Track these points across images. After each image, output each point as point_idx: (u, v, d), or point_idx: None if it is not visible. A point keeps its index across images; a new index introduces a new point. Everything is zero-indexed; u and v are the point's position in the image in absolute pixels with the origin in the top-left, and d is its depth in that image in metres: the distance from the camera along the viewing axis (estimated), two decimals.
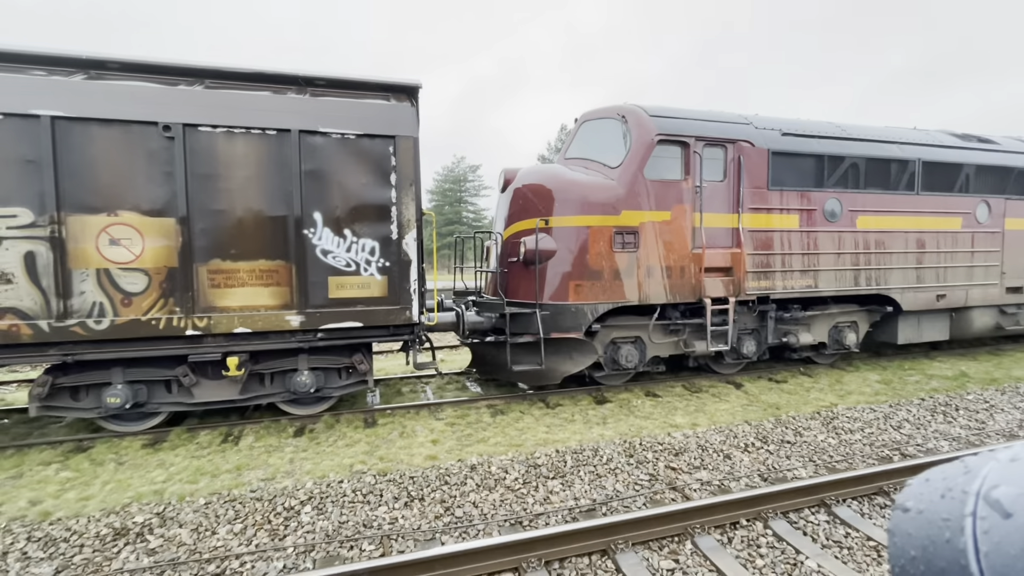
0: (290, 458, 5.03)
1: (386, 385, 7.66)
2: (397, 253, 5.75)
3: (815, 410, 6.22)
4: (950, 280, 8.29)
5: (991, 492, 0.46)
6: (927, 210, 8.05)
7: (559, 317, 6.41)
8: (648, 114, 6.69)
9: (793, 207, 7.18)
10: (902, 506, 0.55)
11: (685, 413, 6.21)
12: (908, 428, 5.66)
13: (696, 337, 7.03)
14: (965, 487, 0.49)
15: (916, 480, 0.56)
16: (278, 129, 5.33)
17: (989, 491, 0.47)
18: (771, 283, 7.12)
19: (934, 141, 8.39)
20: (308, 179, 5.45)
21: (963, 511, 0.47)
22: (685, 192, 6.67)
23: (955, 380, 7.60)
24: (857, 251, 7.60)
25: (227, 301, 5.32)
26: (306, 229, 5.47)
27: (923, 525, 0.51)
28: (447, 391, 7.38)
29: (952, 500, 0.49)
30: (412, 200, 5.77)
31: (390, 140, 5.66)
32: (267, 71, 5.68)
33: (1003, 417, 6.01)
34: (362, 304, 5.67)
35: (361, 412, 6.28)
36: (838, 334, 8.01)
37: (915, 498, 0.54)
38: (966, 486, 0.49)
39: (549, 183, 6.74)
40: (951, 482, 0.51)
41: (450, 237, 9.82)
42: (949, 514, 0.49)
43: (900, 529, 0.54)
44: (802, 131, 7.43)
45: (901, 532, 0.53)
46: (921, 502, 0.53)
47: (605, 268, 6.43)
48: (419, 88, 6.05)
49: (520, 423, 5.93)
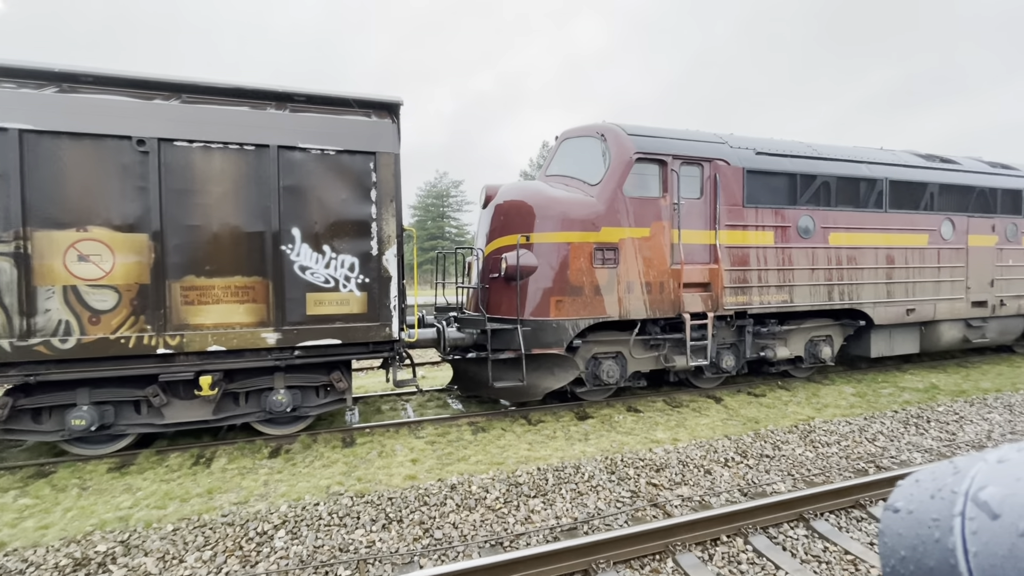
0: (264, 480, 4.88)
1: (365, 403, 7.53)
2: (377, 269, 5.70)
3: (793, 423, 6.30)
4: (918, 295, 8.55)
5: (979, 493, 0.47)
6: (895, 227, 8.32)
7: (540, 333, 6.41)
8: (627, 133, 6.82)
9: (768, 224, 7.35)
10: (892, 507, 0.55)
11: (666, 428, 6.23)
12: (882, 440, 5.77)
13: (676, 352, 7.09)
14: (954, 487, 0.49)
15: (906, 481, 0.57)
16: (256, 144, 5.29)
17: (977, 492, 0.47)
18: (748, 298, 7.25)
19: (900, 161, 8.72)
20: (286, 195, 5.40)
21: (952, 511, 0.48)
22: (663, 209, 6.79)
23: (926, 392, 7.79)
24: (830, 267, 7.80)
25: (201, 318, 5.20)
26: (284, 245, 5.39)
27: (913, 525, 0.51)
28: (428, 408, 7.28)
29: (941, 501, 0.50)
30: (392, 216, 5.75)
31: (370, 156, 5.65)
32: (246, 86, 5.65)
33: (972, 428, 6.16)
34: (341, 321, 5.59)
35: (339, 431, 6.15)
36: (814, 348, 8.17)
37: (905, 499, 0.54)
38: (955, 487, 0.49)
39: (530, 200, 6.80)
40: (940, 483, 0.52)
41: (432, 252, 9.78)
42: (939, 514, 0.49)
43: (890, 529, 0.54)
44: (775, 150, 7.65)
45: (891, 532, 0.53)
46: (911, 503, 0.53)
47: (586, 284, 6.47)
48: (400, 105, 6.07)
49: (502, 440, 5.87)
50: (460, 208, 50.53)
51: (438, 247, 42.33)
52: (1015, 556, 0.42)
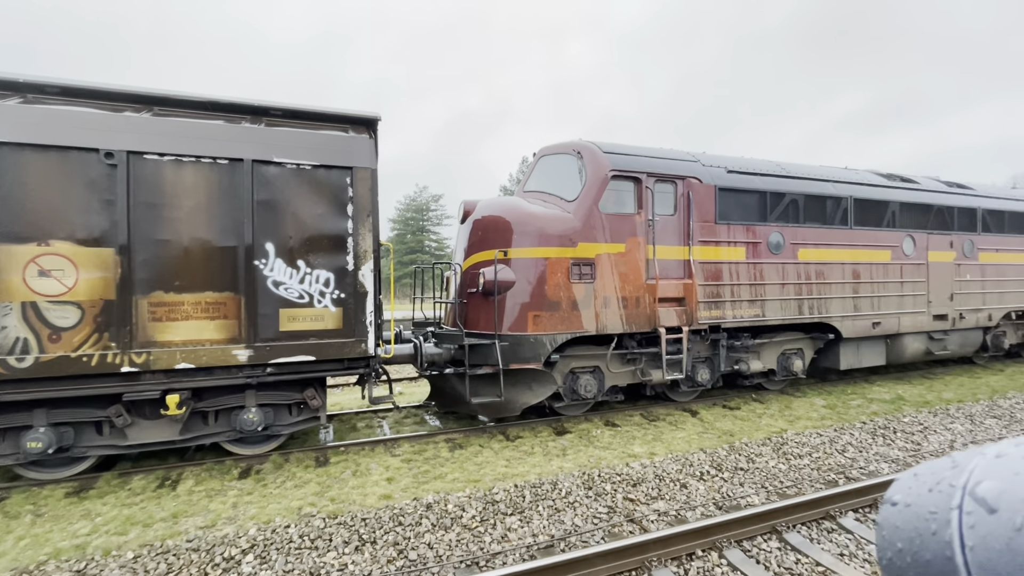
0: (233, 502, 4.73)
1: (340, 420, 7.39)
2: (353, 284, 5.64)
3: (766, 436, 6.40)
4: (883, 308, 8.85)
5: (977, 487, 0.47)
6: (860, 243, 8.63)
7: (518, 348, 6.41)
8: (602, 151, 6.95)
9: (740, 240, 7.54)
10: (890, 500, 0.55)
11: (643, 442, 6.26)
12: (852, 451, 5.90)
13: (652, 366, 7.16)
14: (952, 481, 0.50)
15: (904, 475, 0.57)
16: (230, 158, 5.22)
17: (975, 486, 0.47)
18: (722, 312, 7.40)
19: (864, 180, 9.08)
20: (261, 209, 5.33)
21: (949, 504, 0.48)
22: (638, 225, 6.91)
23: (892, 403, 8.02)
24: (800, 281, 8.02)
25: (169, 335, 5.05)
26: (257, 260, 5.30)
27: (910, 518, 0.51)
28: (405, 425, 7.18)
29: (939, 494, 0.50)
30: (369, 231, 5.72)
31: (347, 171, 5.63)
32: (220, 100, 5.59)
33: (936, 438, 6.36)
34: (315, 337, 5.50)
35: (312, 450, 6.01)
36: (786, 361, 8.35)
37: (903, 492, 0.55)
38: (953, 480, 0.50)
39: (508, 215, 6.84)
40: (938, 477, 0.52)
41: (411, 266, 9.74)
42: (936, 507, 0.49)
43: (888, 522, 0.54)
44: (746, 169, 7.89)
45: (888, 525, 0.54)
46: (909, 496, 0.53)
47: (563, 299, 6.52)
48: (378, 120, 6.08)
49: (479, 457, 5.81)
50: (440, 222, 50.52)
51: (417, 261, 42.13)
52: (1012, 550, 0.42)
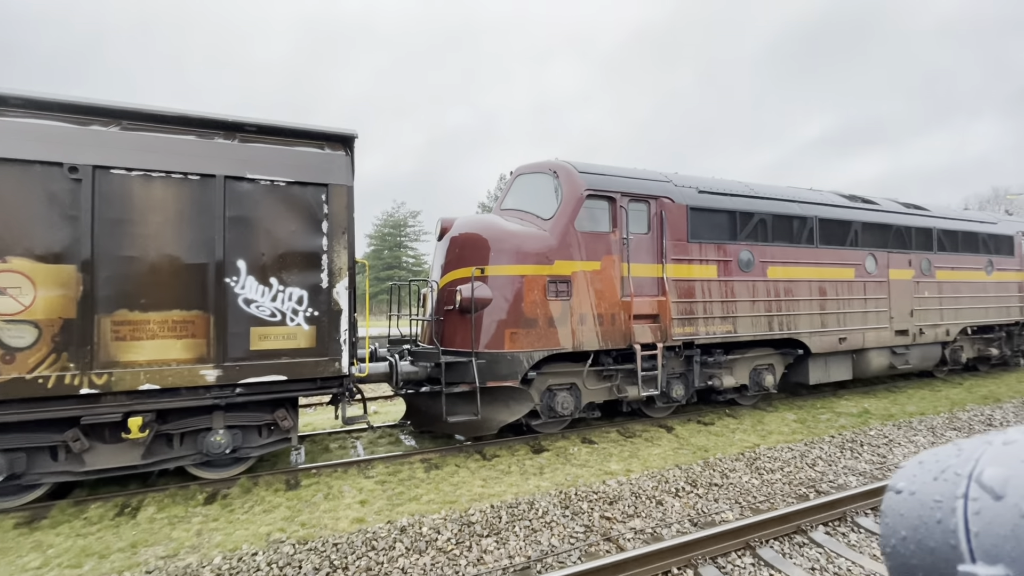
0: (198, 529, 4.54)
1: (312, 441, 7.20)
2: (327, 302, 5.57)
3: (740, 451, 6.50)
4: (849, 324, 9.15)
5: (983, 474, 0.47)
6: (825, 261, 8.94)
7: (495, 365, 6.39)
8: (578, 170, 7.08)
9: (711, 258, 7.74)
10: (894, 487, 0.55)
11: (620, 459, 6.28)
12: (821, 465, 6.03)
13: (628, 382, 7.22)
14: (958, 469, 0.50)
15: (910, 462, 0.57)
16: (201, 174, 5.13)
17: (982, 473, 0.47)
18: (695, 329, 7.53)
19: (828, 201, 9.45)
20: (232, 226, 5.24)
21: (955, 493, 0.48)
22: (613, 243, 7.03)
23: (859, 417, 8.25)
24: (769, 298, 8.25)
25: (133, 355, 4.87)
26: (228, 277, 5.19)
27: (915, 506, 0.51)
28: (379, 446, 7.04)
29: (945, 482, 0.50)
30: (345, 248, 5.67)
31: (323, 188, 5.60)
32: (192, 115, 5.50)
33: (900, 451, 6.56)
34: (287, 356, 5.38)
35: (283, 473, 5.84)
36: (758, 376, 8.53)
37: (907, 480, 0.54)
38: (959, 468, 0.50)
39: (485, 232, 6.88)
40: (944, 464, 0.52)
41: (388, 282, 9.64)
42: (941, 496, 0.49)
43: (891, 510, 0.54)
44: (716, 189, 8.13)
45: (892, 513, 0.54)
46: (913, 484, 0.53)
47: (540, 316, 6.55)
48: (354, 138, 6.07)
49: (455, 477, 5.73)
50: (418, 238, 50.35)
51: (394, 277, 41.78)
52: (1017, 536, 0.42)
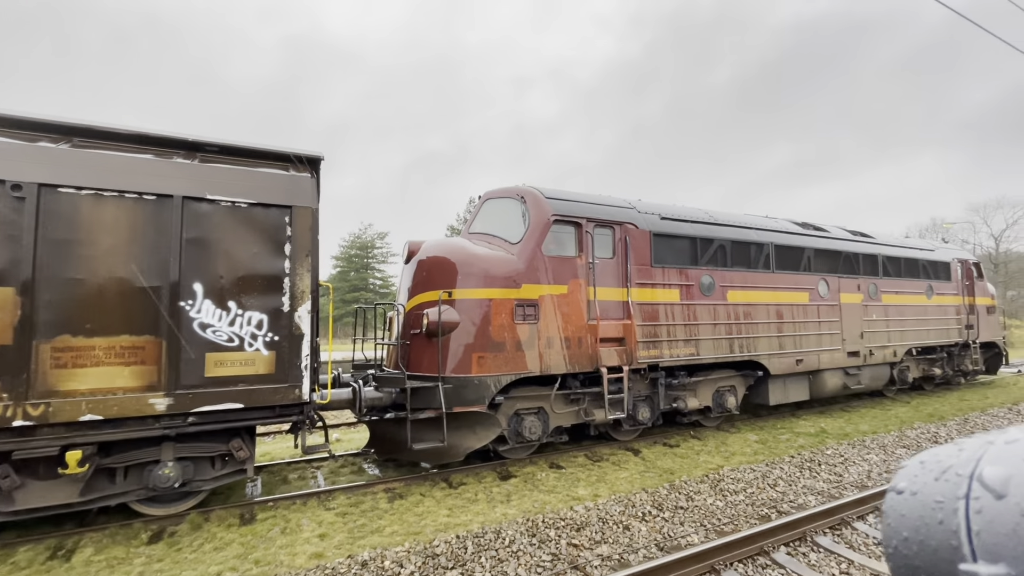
0: (140, 572, 4.24)
1: (270, 472, 6.89)
2: (288, 326, 5.41)
3: (704, 473, 6.58)
4: (805, 346, 9.51)
5: (985, 474, 0.47)
6: (782, 286, 9.32)
7: (462, 390, 6.32)
8: (545, 196, 7.21)
9: (674, 282, 7.95)
10: (895, 488, 0.55)
11: (587, 484, 6.25)
12: (782, 486, 6.16)
13: (595, 406, 7.25)
14: (959, 470, 0.50)
15: (911, 462, 0.57)
16: (158, 194, 4.97)
17: (983, 473, 0.47)
18: (660, 352, 7.67)
19: (782, 228, 9.91)
20: (190, 247, 5.06)
21: (957, 493, 0.48)
22: (580, 268, 7.14)
23: (816, 437, 8.51)
24: (730, 321, 8.50)
25: (75, 383, 4.58)
26: (183, 301, 4.99)
27: (916, 507, 0.51)
28: (341, 475, 6.79)
29: (946, 483, 0.50)
30: (308, 271, 5.56)
31: (286, 210, 5.50)
32: (151, 133, 5.35)
33: (855, 469, 6.78)
34: (244, 383, 5.17)
35: (237, 506, 5.54)
36: (720, 398, 8.72)
37: (909, 480, 0.54)
38: (960, 469, 0.50)
39: (453, 256, 6.88)
40: (945, 465, 0.52)
41: (354, 305, 9.42)
42: (943, 496, 0.49)
43: (893, 510, 0.54)
44: (678, 216, 8.41)
45: (894, 513, 0.54)
46: (915, 484, 0.53)
47: (507, 340, 6.54)
48: (320, 159, 6.02)
49: (420, 507, 5.57)
50: (385, 259, 49.78)
51: (361, 299, 41.06)
52: (1019, 535, 0.42)
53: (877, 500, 5.54)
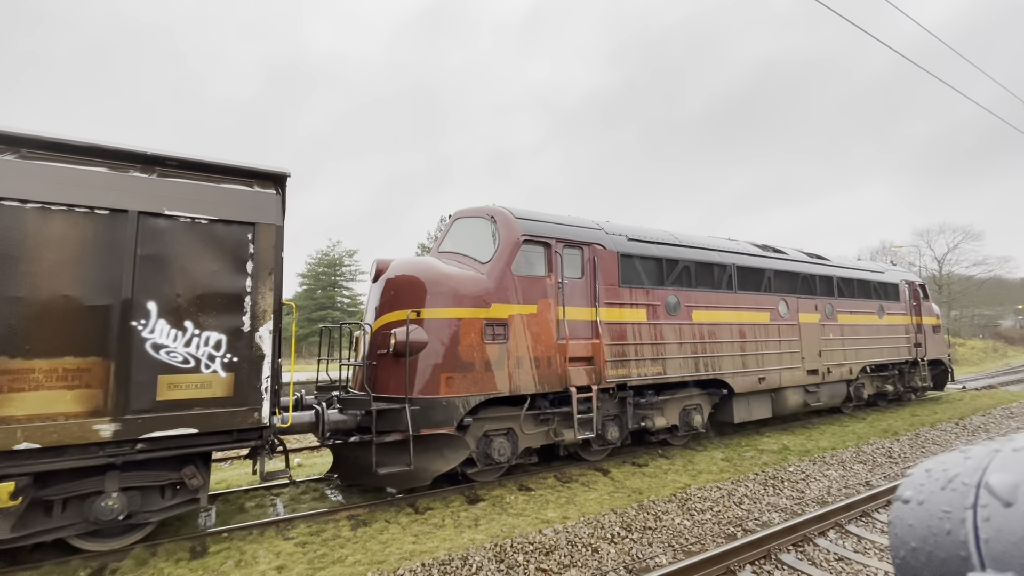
0: None
1: (225, 501, 6.55)
2: (249, 347, 5.21)
3: (672, 492, 6.61)
4: (767, 365, 9.78)
5: (993, 481, 0.46)
6: (744, 306, 9.60)
7: (430, 412, 6.20)
8: (515, 216, 7.27)
9: (641, 302, 8.09)
10: (902, 497, 0.54)
11: (556, 506, 6.18)
12: (747, 503, 6.25)
13: (565, 426, 7.23)
14: (966, 479, 0.49)
15: (916, 470, 0.56)
16: (111, 209, 4.76)
17: (991, 480, 0.47)
18: (628, 371, 7.75)
19: (743, 250, 10.26)
20: (144, 265, 4.85)
21: (964, 503, 0.47)
22: (549, 287, 7.19)
23: (779, 454, 8.70)
24: (695, 340, 8.68)
25: (10, 409, 4.27)
26: (135, 320, 4.75)
27: (923, 517, 0.50)
28: (302, 502, 6.52)
29: (953, 492, 0.49)
30: (271, 290, 5.40)
31: (249, 227, 5.35)
32: (106, 145, 5.15)
33: (816, 485, 6.95)
34: (200, 406, 4.93)
35: (188, 539, 5.23)
36: (687, 416, 8.83)
37: (915, 489, 0.53)
38: (967, 478, 0.49)
39: (422, 275, 6.82)
40: (952, 473, 0.51)
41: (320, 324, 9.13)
42: (950, 506, 0.49)
43: (900, 520, 0.53)
44: (644, 237, 8.61)
45: (901, 523, 0.52)
46: (921, 493, 0.52)
47: (477, 360, 6.48)
48: (286, 176, 5.91)
49: (385, 534, 5.38)
50: (354, 278, 48.94)
51: (328, 318, 40.13)
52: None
53: (838, 516, 5.68)
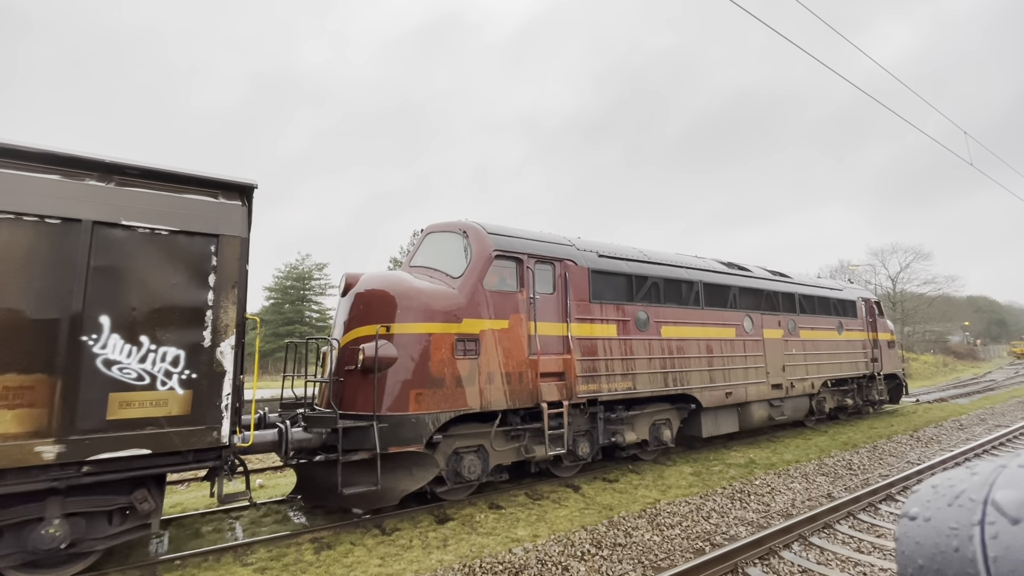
0: None
1: (180, 526, 6.23)
2: (209, 363, 5.02)
3: (642, 507, 6.63)
4: (733, 379, 10.00)
5: (999, 498, 0.46)
6: (711, 322, 9.83)
7: (399, 429, 6.07)
8: (487, 231, 7.29)
9: (611, 318, 8.18)
10: (908, 513, 0.53)
11: (527, 524, 6.11)
12: (715, 518, 6.31)
13: (536, 442, 7.19)
14: (972, 495, 0.49)
15: (923, 486, 0.55)
16: (63, 218, 4.55)
17: (998, 497, 0.46)
18: (598, 386, 7.79)
19: (710, 267, 10.54)
20: (98, 277, 4.63)
21: (971, 520, 0.47)
22: (521, 303, 7.20)
23: (746, 467, 8.86)
24: (664, 356, 8.82)
25: None
26: (86, 335, 4.52)
27: (931, 534, 0.50)
28: (263, 525, 6.25)
29: (960, 508, 0.49)
30: (234, 303, 5.23)
31: (212, 239, 5.19)
32: (60, 152, 4.93)
33: (781, 498, 7.08)
34: (154, 426, 4.70)
35: (137, 567, 4.94)
36: (657, 431, 8.92)
37: (921, 505, 0.53)
38: (973, 494, 0.48)
39: (392, 289, 6.74)
40: (958, 490, 0.51)
41: (287, 339, 8.86)
42: (957, 523, 0.48)
43: (907, 537, 0.52)
44: (614, 254, 8.75)
45: (909, 541, 0.52)
46: (928, 509, 0.52)
47: (447, 375, 6.41)
48: (253, 188, 5.78)
49: (349, 558, 5.21)
50: (324, 292, 47.97)
51: (296, 333, 39.10)
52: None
53: (802, 528, 5.79)
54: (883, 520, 6.25)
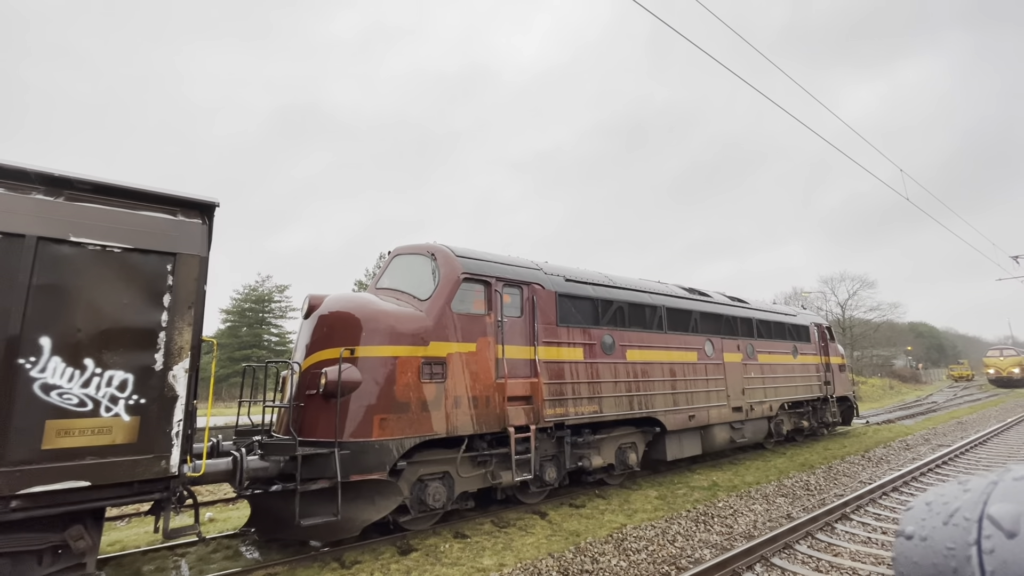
0: None
1: (119, 565, 5.78)
2: (160, 387, 4.76)
3: (609, 532, 6.59)
4: (696, 403, 10.20)
5: (995, 512, 0.46)
6: (674, 346, 10.05)
7: (361, 456, 5.88)
8: (455, 254, 7.30)
9: (578, 341, 8.26)
10: (904, 532, 0.53)
11: (493, 553, 5.97)
12: (680, 541, 6.34)
13: (503, 467, 7.10)
14: (967, 513, 0.48)
15: (916, 503, 0.55)
16: (4, 233, 4.30)
17: (993, 512, 0.46)
18: (565, 410, 7.80)
19: (672, 292, 10.84)
20: (40, 296, 4.37)
21: (968, 539, 0.47)
22: (488, 326, 7.19)
23: (709, 490, 8.98)
24: (629, 379, 8.93)
25: None
26: (23, 358, 4.22)
27: (928, 554, 0.49)
28: (212, 562, 5.87)
29: (955, 527, 0.48)
30: (189, 325, 5.01)
31: (169, 257, 5.00)
32: (5, 164, 4.69)
33: (743, 519, 7.19)
34: (95, 455, 4.39)
35: None
36: (622, 455, 8.95)
37: (916, 524, 0.52)
38: (968, 512, 0.48)
39: (357, 311, 6.61)
40: (952, 506, 0.50)
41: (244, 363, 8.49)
42: (954, 543, 0.48)
43: (905, 557, 0.51)
44: (580, 278, 8.90)
45: (906, 561, 0.51)
46: (923, 528, 0.51)
47: (413, 399, 6.29)
48: (215, 206, 5.63)
49: None
50: (284, 314, 46.51)
51: (253, 357, 37.56)
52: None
53: (763, 549, 5.88)
54: (839, 539, 6.42)
